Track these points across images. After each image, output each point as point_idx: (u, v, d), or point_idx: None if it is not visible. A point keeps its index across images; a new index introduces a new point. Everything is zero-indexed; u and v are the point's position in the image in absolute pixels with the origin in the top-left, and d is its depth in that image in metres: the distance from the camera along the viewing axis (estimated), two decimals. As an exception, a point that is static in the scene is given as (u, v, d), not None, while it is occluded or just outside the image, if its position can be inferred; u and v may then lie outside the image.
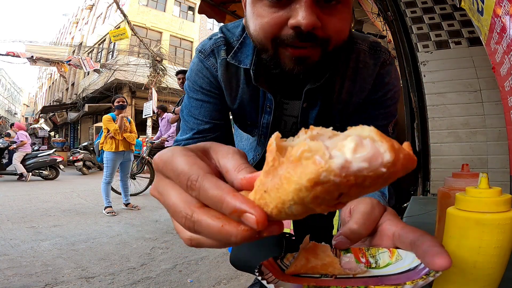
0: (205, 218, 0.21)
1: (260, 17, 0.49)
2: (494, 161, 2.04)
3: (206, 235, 0.22)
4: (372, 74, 0.63)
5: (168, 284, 1.70)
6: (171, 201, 0.23)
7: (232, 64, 0.63)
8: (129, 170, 3.95)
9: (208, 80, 0.65)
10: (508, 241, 0.34)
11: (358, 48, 0.62)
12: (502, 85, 0.91)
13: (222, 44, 0.63)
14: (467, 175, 0.46)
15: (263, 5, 0.48)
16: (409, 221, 0.91)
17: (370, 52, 0.63)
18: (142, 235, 2.68)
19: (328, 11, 0.47)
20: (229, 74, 0.64)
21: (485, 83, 2.08)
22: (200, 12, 3.50)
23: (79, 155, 8.81)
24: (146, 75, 10.48)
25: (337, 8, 0.48)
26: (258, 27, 0.50)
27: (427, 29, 2.28)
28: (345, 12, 0.49)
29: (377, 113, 0.67)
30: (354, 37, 0.64)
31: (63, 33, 26.29)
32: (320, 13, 0.46)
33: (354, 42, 0.63)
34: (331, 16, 0.47)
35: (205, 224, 0.21)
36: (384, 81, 0.64)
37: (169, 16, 14.59)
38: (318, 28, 0.46)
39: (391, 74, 0.65)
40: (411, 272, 0.29)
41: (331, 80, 0.61)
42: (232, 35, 0.64)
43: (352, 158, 0.16)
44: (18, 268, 1.88)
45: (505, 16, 0.80)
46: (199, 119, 0.67)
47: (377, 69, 0.63)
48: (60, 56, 12.07)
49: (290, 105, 0.66)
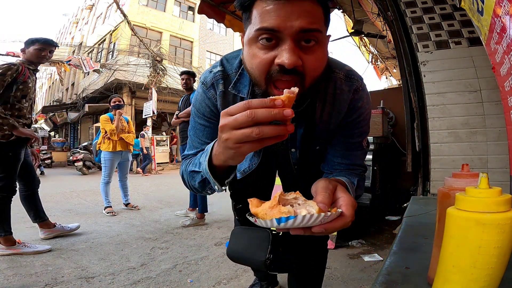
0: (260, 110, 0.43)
1: (254, 58, 0.60)
2: (494, 161, 2.05)
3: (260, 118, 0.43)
4: (347, 99, 0.76)
5: (168, 284, 1.70)
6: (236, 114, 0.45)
7: (229, 93, 0.75)
8: (128, 170, 3.95)
9: (209, 109, 0.78)
10: (508, 241, 0.34)
11: (336, 76, 0.75)
12: (502, 85, 0.91)
13: (220, 78, 0.76)
14: (467, 175, 0.46)
15: (256, 47, 0.59)
16: (409, 221, 0.91)
17: (346, 80, 0.75)
18: (142, 235, 2.68)
19: (307, 52, 0.58)
20: (226, 102, 0.75)
21: (485, 83, 2.08)
22: (199, 12, 3.50)
23: (79, 155, 8.81)
24: (146, 75, 10.49)
25: (314, 49, 0.59)
26: (254, 66, 0.61)
27: (427, 29, 2.28)
28: (321, 52, 0.60)
29: (353, 133, 0.80)
30: (332, 66, 0.74)
31: (63, 33, 26.29)
32: (301, 53, 0.57)
33: (332, 71, 0.74)
34: (309, 55, 0.58)
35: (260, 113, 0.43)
36: (357, 106, 0.77)
37: (169, 16, 14.59)
38: (299, 66, 0.57)
39: (364, 99, 0.78)
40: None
41: (313, 104, 0.73)
42: (231, 67, 0.76)
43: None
44: (18, 268, 1.88)
45: (505, 16, 0.80)
46: (202, 140, 0.80)
47: (351, 95, 0.75)
48: (60, 56, 12.05)
49: None
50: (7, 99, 2.06)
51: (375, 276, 0.55)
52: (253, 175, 0.88)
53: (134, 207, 3.85)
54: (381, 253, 2.12)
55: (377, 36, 4.55)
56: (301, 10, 0.55)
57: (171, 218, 3.34)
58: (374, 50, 6.52)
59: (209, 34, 16.10)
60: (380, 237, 2.48)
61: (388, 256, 0.64)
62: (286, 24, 0.55)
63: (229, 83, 0.75)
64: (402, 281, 0.52)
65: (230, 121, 0.45)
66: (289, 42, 0.56)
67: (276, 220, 0.47)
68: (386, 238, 2.46)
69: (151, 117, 10.16)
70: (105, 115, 3.74)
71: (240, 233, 0.88)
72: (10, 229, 2.20)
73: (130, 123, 3.99)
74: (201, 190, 0.71)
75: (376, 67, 7.70)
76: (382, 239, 2.43)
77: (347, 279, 1.75)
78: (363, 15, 4.13)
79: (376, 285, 0.51)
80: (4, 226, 2.18)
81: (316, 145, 0.82)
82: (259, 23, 0.57)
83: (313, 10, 0.57)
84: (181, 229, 2.88)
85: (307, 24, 0.55)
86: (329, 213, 0.49)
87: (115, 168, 3.74)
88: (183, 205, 3.93)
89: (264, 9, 0.56)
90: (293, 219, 0.46)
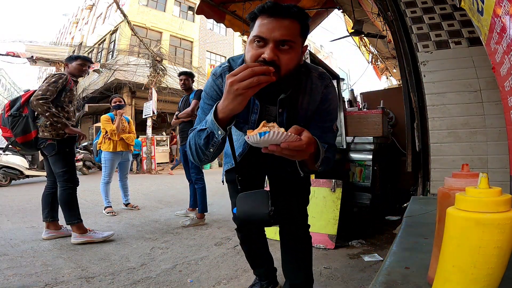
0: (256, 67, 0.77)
1: (249, 52, 0.89)
2: (494, 161, 2.04)
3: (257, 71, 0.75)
4: (320, 92, 1.03)
5: (168, 284, 1.70)
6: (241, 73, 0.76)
7: None
8: (128, 170, 3.95)
9: (216, 92, 1.03)
10: (508, 241, 0.34)
11: (312, 75, 1.04)
12: (502, 85, 0.91)
13: (227, 70, 1.02)
14: (467, 175, 0.46)
15: (253, 45, 0.88)
16: (409, 221, 0.91)
17: (319, 78, 1.04)
18: (142, 235, 2.68)
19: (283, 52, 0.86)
20: None
21: (485, 83, 2.08)
22: (198, 12, 3.48)
23: (79, 155, 8.79)
24: (146, 75, 10.48)
25: (289, 51, 0.86)
26: (248, 58, 0.89)
27: (427, 29, 2.28)
28: (293, 54, 0.87)
29: (325, 118, 1.06)
30: (310, 68, 1.05)
31: (63, 33, 26.28)
32: (278, 52, 0.85)
33: (310, 71, 1.04)
34: (284, 55, 0.86)
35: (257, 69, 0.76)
36: (328, 97, 1.05)
37: (169, 16, 14.58)
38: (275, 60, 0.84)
39: (332, 93, 1.06)
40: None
41: (295, 95, 1.01)
42: (235, 63, 1.04)
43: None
44: (18, 268, 1.88)
45: (505, 16, 0.80)
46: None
47: (323, 88, 1.04)
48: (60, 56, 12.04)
49: (271, 109, 1.04)
50: (59, 103, 2.38)
51: (375, 276, 0.55)
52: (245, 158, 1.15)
53: (134, 207, 3.85)
54: (381, 253, 2.12)
55: (377, 36, 4.55)
56: (282, 26, 0.84)
57: (171, 218, 3.34)
58: (374, 50, 6.52)
59: (209, 34, 16.09)
60: (380, 237, 2.48)
61: (388, 256, 0.64)
62: (271, 35, 0.84)
63: None
64: (402, 281, 0.52)
65: (238, 77, 0.75)
66: (271, 45, 0.84)
67: (258, 134, 0.71)
68: (386, 238, 2.46)
69: (151, 117, 10.15)
70: (106, 115, 3.74)
71: (245, 197, 1.06)
72: (80, 216, 2.48)
73: (131, 123, 3.99)
74: (204, 148, 0.92)
75: (376, 67, 7.70)
76: (382, 239, 2.43)
77: (347, 279, 1.75)
78: (363, 15, 4.13)
79: (376, 285, 0.51)
80: (77, 214, 2.45)
81: None
82: (256, 31, 0.87)
83: (291, 26, 0.85)
84: (181, 229, 2.88)
85: (283, 36, 0.84)
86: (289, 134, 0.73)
87: (115, 168, 3.74)
88: (183, 205, 3.93)
89: (260, 22, 0.87)
90: (268, 133, 0.71)
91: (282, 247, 1.35)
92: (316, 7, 3.81)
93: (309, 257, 1.33)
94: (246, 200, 1.05)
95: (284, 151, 0.74)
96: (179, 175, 8.37)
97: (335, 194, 2.36)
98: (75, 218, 2.41)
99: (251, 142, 0.74)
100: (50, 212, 2.54)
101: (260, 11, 0.88)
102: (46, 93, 2.27)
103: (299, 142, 0.75)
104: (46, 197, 2.55)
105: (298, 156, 0.78)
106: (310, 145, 0.78)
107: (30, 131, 2.32)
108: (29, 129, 2.32)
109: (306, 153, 0.78)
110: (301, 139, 0.75)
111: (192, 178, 3.13)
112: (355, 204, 2.84)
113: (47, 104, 2.27)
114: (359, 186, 2.85)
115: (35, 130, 2.34)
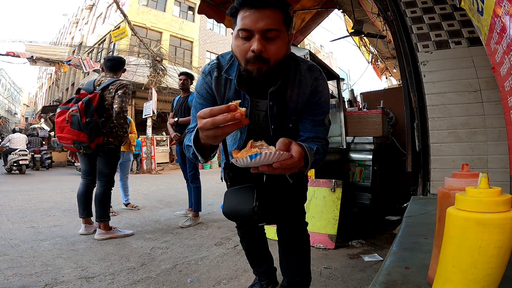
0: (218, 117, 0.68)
1: (237, 47, 0.90)
2: (494, 161, 2.04)
3: (218, 123, 0.68)
4: (309, 84, 1.02)
5: (168, 284, 1.70)
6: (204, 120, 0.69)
7: (222, 77, 1.02)
8: (129, 170, 3.95)
9: (206, 91, 1.04)
10: (508, 241, 0.34)
11: (301, 68, 1.03)
12: (502, 85, 0.91)
13: (215, 67, 1.03)
14: (467, 175, 0.46)
15: (239, 39, 0.89)
16: (409, 221, 0.91)
17: (308, 70, 1.03)
18: (142, 235, 2.68)
19: (270, 42, 0.87)
20: (219, 85, 1.03)
21: (485, 83, 2.08)
22: (199, 12, 3.49)
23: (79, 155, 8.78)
24: (146, 75, 10.48)
25: (275, 41, 0.87)
26: (237, 53, 0.91)
27: (427, 29, 2.28)
28: (280, 43, 0.88)
29: (316, 112, 1.04)
30: (298, 60, 1.04)
31: (63, 33, 26.28)
32: (265, 43, 0.86)
33: (298, 64, 1.03)
34: (271, 45, 0.87)
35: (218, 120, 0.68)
36: (318, 90, 1.03)
37: (169, 16, 14.58)
38: (264, 52, 0.85)
39: (323, 85, 1.04)
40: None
41: (284, 87, 1.00)
42: (224, 60, 1.04)
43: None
44: (18, 268, 1.88)
45: (505, 16, 0.80)
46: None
47: (312, 81, 1.02)
48: (60, 56, 12.05)
49: (261, 103, 1.04)
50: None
51: (375, 276, 0.55)
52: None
53: (134, 207, 3.85)
54: (381, 253, 2.12)
55: (377, 36, 4.55)
56: (265, 16, 0.85)
57: (171, 218, 3.34)
58: (374, 50, 6.52)
59: (209, 34, 16.09)
60: (380, 237, 2.48)
61: (388, 256, 0.64)
62: (255, 26, 0.85)
63: (222, 70, 1.02)
64: (402, 281, 0.52)
65: (202, 125, 0.70)
66: (257, 36, 0.85)
67: (249, 157, 0.68)
68: (386, 238, 2.46)
69: (151, 117, 10.15)
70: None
71: (231, 193, 1.07)
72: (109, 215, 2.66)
73: (132, 123, 3.98)
74: (194, 159, 0.93)
75: (376, 67, 7.70)
76: (382, 239, 2.43)
77: (347, 279, 1.75)
78: (363, 15, 4.13)
79: (376, 285, 0.51)
80: (107, 212, 2.61)
81: (289, 123, 1.05)
82: (240, 25, 0.87)
83: (273, 15, 0.86)
84: (181, 229, 2.88)
85: (268, 25, 0.85)
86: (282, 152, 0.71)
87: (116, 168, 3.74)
88: (183, 205, 3.93)
89: (242, 15, 0.87)
90: (259, 155, 0.67)
91: (280, 244, 1.35)
92: (316, 7, 3.81)
93: (307, 254, 1.33)
94: (232, 195, 1.06)
95: (277, 170, 0.73)
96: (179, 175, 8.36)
97: (335, 194, 2.36)
98: (106, 216, 2.57)
99: (240, 165, 0.71)
100: (90, 208, 2.68)
101: (240, 4, 0.88)
102: (126, 106, 2.50)
103: (292, 160, 0.73)
104: (86, 195, 2.65)
105: (289, 171, 0.78)
106: (301, 160, 0.76)
107: (99, 136, 2.45)
108: (99, 135, 2.44)
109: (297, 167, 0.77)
110: (293, 156, 0.74)
111: (189, 177, 3.14)
112: (355, 204, 2.84)
113: (126, 117, 2.52)
114: (359, 186, 2.85)
115: (102, 136, 2.47)
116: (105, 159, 2.57)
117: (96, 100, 2.42)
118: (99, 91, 2.47)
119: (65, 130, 2.37)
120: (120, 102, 2.45)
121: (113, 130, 2.52)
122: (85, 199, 2.64)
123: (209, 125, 0.68)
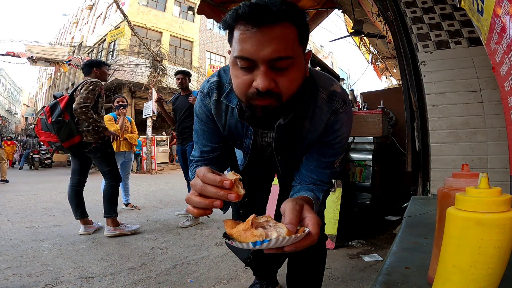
0: (209, 188, 0.56)
1: (236, 78, 0.65)
2: (494, 161, 2.04)
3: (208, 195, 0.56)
4: (324, 119, 0.79)
5: (168, 284, 1.70)
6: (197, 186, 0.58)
7: (222, 102, 0.82)
8: (130, 170, 3.94)
9: (205, 114, 0.86)
10: (508, 241, 0.34)
11: (319, 96, 0.77)
12: (502, 85, 0.91)
13: (214, 88, 0.82)
14: (467, 175, 0.46)
15: (237, 69, 0.64)
16: (409, 221, 0.91)
17: (327, 100, 0.78)
18: (142, 235, 2.68)
19: (281, 74, 0.61)
20: (218, 110, 0.84)
21: (485, 83, 2.08)
22: (199, 12, 3.49)
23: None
24: (146, 75, 10.48)
25: (288, 71, 0.62)
26: (235, 86, 0.67)
27: (427, 29, 2.28)
28: (294, 73, 0.63)
29: (326, 152, 0.84)
30: (318, 84, 0.78)
31: (63, 33, 26.28)
32: (274, 76, 0.61)
33: (317, 90, 0.78)
34: (282, 77, 0.61)
35: (209, 189, 0.56)
36: (334, 128, 0.80)
37: (169, 16, 14.58)
38: (273, 88, 0.61)
39: (343, 122, 0.80)
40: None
41: (296, 120, 0.77)
42: (226, 77, 0.82)
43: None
44: (18, 268, 1.88)
45: (505, 16, 0.80)
46: (203, 142, 0.90)
47: (329, 115, 0.78)
48: (60, 56, 12.05)
49: (267, 134, 0.87)
50: (95, 109, 2.54)
51: (375, 276, 0.55)
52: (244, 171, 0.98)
53: (134, 207, 3.85)
54: (381, 253, 2.12)
55: (377, 36, 4.55)
56: (272, 38, 0.58)
57: (171, 218, 3.34)
58: (374, 50, 6.52)
59: (209, 34, 16.09)
60: (380, 237, 2.48)
61: (388, 256, 0.64)
62: (259, 54, 0.59)
63: (223, 93, 0.81)
64: (402, 281, 0.52)
65: (193, 183, 0.59)
66: (263, 68, 0.60)
67: (251, 243, 0.52)
68: (386, 238, 2.46)
69: (151, 117, 10.15)
70: (109, 115, 3.73)
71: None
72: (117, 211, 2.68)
73: (133, 123, 3.99)
74: None
75: (376, 67, 7.70)
76: (382, 239, 2.43)
77: (347, 279, 1.75)
78: (363, 15, 4.13)
79: (376, 285, 0.51)
80: (115, 208, 2.65)
81: (294, 156, 0.89)
82: (237, 51, 0.61)
83: (284, 35, 0.60)
84: (181, 229, 2.88)
85: (277, 52, 0.59)
86: (298, 235, 0.54)
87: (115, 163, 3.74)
88: (183, 205, 3.92)
89: (240, 37, 0.60)
90: (268, 242, 0.51)
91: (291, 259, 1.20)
92: (316, 7, 3.81)
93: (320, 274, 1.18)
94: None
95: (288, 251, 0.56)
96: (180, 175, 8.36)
97: (335, 194, 2.36)
98: (113, 212, 2.61)
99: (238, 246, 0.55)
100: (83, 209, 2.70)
101: (235, 19, 0.61)
102: (87, 101, 2.45)
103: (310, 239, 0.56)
104: (76, 196, 2.68)
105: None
106: (319, 233, 0.59)
107: (74, 135, 2.47)
108: (73, 134, 2.47)
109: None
110: (311, 233, 0.56)
111: (189, 177, 3.14)
112: (355, 204, 2.84)
113: (90, 111, 2.45)
114: (359, 186, 2.85)
115: (79, 135, 2.49)
116: (98, 159, 2.63)
117: (64, 101, 2.48)
118: (70, 93, 2.56)
119: (39, 133, 2.52)
120: (78, 98, 2.45)
121: (89, 128, 2.52)
122: (75, 199, 2.67)
123: (197, 189, 0.57)
